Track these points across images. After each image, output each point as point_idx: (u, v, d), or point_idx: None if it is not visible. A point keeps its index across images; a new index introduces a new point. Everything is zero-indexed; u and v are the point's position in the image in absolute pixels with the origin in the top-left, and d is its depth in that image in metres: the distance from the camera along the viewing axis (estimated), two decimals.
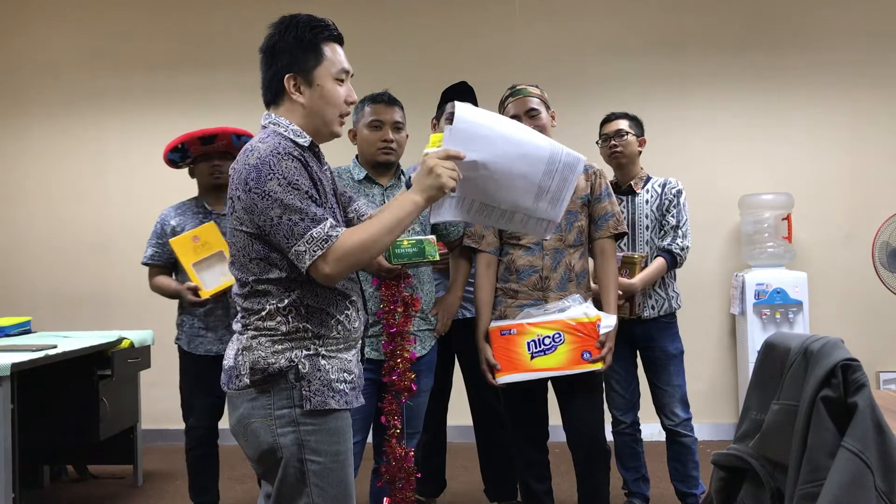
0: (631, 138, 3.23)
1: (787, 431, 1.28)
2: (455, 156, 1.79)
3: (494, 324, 2.66)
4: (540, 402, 2.78)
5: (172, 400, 3.25)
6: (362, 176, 2.71)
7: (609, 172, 3.21)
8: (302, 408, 1.73)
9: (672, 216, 3.17)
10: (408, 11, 5.05)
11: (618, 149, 3.21)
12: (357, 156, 2.78)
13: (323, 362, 1.77)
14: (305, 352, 1.75)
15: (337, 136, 1.88)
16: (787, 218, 4.67)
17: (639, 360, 3.28)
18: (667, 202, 3.19)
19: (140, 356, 3.91)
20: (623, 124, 3.24)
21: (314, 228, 1.68)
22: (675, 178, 3.25)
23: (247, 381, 1.74)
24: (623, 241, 3.16)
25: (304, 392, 1.73)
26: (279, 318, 1.75)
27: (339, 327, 1.81)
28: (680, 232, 3.17)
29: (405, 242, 2.15)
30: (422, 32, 5.03)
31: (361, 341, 1.93)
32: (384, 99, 2.70)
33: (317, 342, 1.77)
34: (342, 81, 1.83)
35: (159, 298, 3.25)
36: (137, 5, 5.14)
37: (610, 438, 2.99)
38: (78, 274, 5.09)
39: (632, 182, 3.24)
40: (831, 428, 1.22)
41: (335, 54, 1.82)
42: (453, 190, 1.79)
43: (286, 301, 1.75)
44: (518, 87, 2.73)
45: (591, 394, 2.70)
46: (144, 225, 3.27)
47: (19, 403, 3.01)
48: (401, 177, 2.77)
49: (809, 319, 4.42)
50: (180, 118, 4.54)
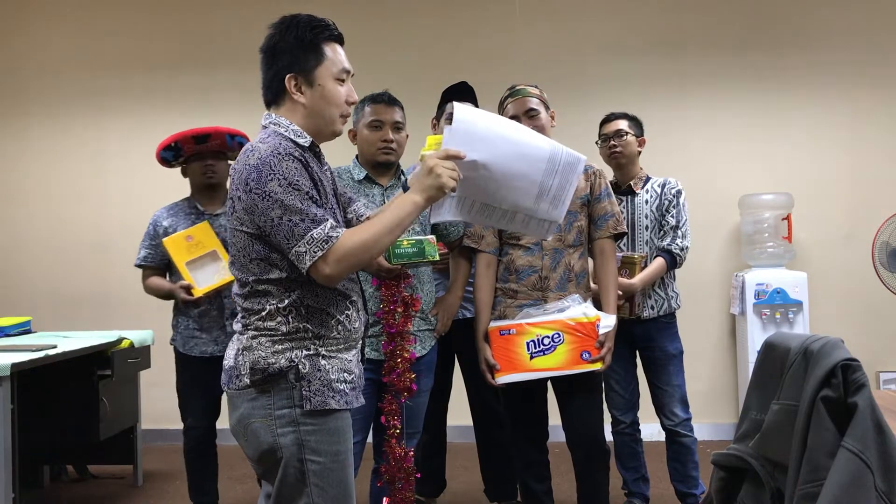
0: (630, 138, 3.23)
1: (787, 431, 1.29)
2: (455, 155, 1.79)
3: (494, 324, 2.66)
4: (539, 402, 2.78)
5: (172, 400, 3.25)
6: (362, 176, 2.71)
7: (608, 172, 3.21)
8: (302, 408, 1.73)
9: (672, 216, 3.18)
10: (408, 11, 5.05)
11: (617, 149, 3.22)
12: (357, 156, 2.78)
13: (323, 362, 1.77)
14: (305, 352, 1.75)
15: (338, 135, 1.89)
16: (787, 218, 4.67)
17: (638, 360, 3.28)
18: (666, 202, 3.19)
19: (140, 356, 3.91)
20: (622, 124, 3.24)
21: (314, 229, 1.68)
22: (675, 179, 3.26)
23: (247, 381, 1.74)
24: (623, 242, 3.16)
25: (305, 392, 1.73)
26: (279, 319, 1.75)
27: (340, 327, 1.81)
28: (679, 232, 3.17)
29: (405, 242, 2.15)
30: (422, 32, 5.03)
31: (362, 341, 1.93)
32: (384, 99, 2.70)
33: (317, 342, 1.77)
34: (343, 81, 1.83)
35: (159, 299, 3.25)
36: (137, 5, 5.14)
37: (609, 438, 2.98)
38: (78, 274, 5.09)
39: (631, 182, 3.24)
40: (831, 428, 1.22)
41: (336, 54, 1.82)
42: (453, 190, 1.78)
43: (286, 301, 1.75)
44: (517, 88, 2.73)
45: (591, 394, 2.70)
46: (144, 225, 3.27)
47: (19, 403, 3.01)
48: (401, 177, 2.77)
49: (809, 319, 4.43)
50: (180, 118, 4.54)
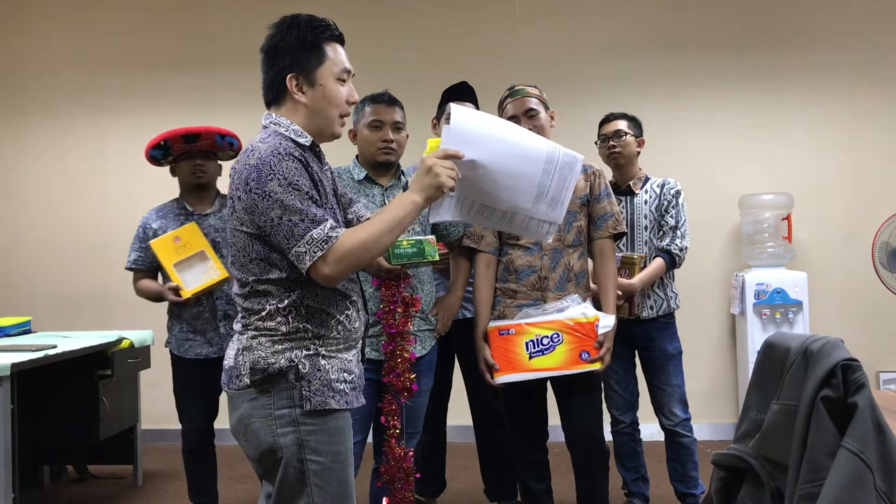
0: (629, 139, 3.23)
1: (787, 431, 1.28)
2: (454, 155, 1.79)
3: (493, 324, 2.66)
4: (539, 402, 2.78)
5: (172, 400, 3.24)
6: (362, 176, 2.71)
7: (608, 173, 3.21)
8: (302, 408, 1.73)
9: (671, 216, 3.18)
10: (408, 11, 5.05)
11: (616, 149, 3.22)
12: (357, 156, 2.78)
13: (323, 362, 1.77)
14: (305, 352, 1.75)
15: (337, 137, 1.88)
16: (787, 218, 4.67)
17: (637, 360, 3.28)
18: (665, 203, 3.19)
19: (140, 356, 3.91)
20: (621, 125, 3.24)
21: (314, 229, 1.68)
22: (674, 179, 3.26)
23: (247, 381, 1.74)
24: (622, 242, 3.16)
25: (305, 392, 1.73)
26: (279, 319, 1.75)
27: (340, 327, 1.81)
28: (679, 232, 3.17)
29: (405, 243, 2.14)
30: (422, 32, 5.03)
31: (362, 341, 1.93)
32: (384, 99, 2.69)
33: (317, 342, 1.77)
34: (344, 81, 1.83)
35: (151, 301, 3.24)
36: (137, 5, 5.13)
37: (609, 438, 2.98)
38: (78, 274, 5.09)
39: (630, 182, 3.24)
40: (831, 428, 1.22)
41: (337, 54, 1.82)
42: (452, 189, 1.78)
43: (286, 301, 1.75)
44: (517, 88, 2.73)
45: (590, 394, 2.70)
46: None
47: (19, 403, 3.01)
48: (401, 177, 2.77)
49: (809, 319, 4.43)
50: (180, 118, 4.50)
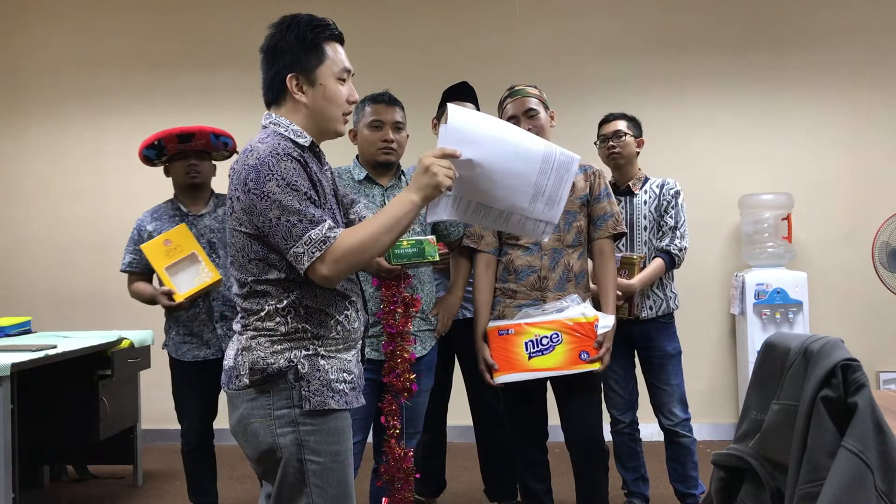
0: (629, 139, 3.23)
1: (787, 431, 1.28)
2: (451, 154, 1.79)
3: (493, 324, 2.66)
4: (539, 402, 2.78)
5: (172, 400, 3.24)
6: (363, 176, 2.71)
7: (607, 173, 3.21)
8: (301, 408, 1.73)
9: (670, 217, 3.18)
10: (408, 11, 5.05)
11: (616, 149, 3.22)
12: (357, 156, 2.78)
13: (322, 362, 1.76)
14: (305, 352, 1.75)
15: (340, 135, 1.88)
16: (787, 218, 4.67)
17: (637, 360, 3.28)
18: (665, 203, 3.19)
19: (140, 356, 3.91)
20: (621, 125, 3.24)
21: (312, 230, 1.68)
22: (673, 179, 3.26)
23: (246, 382, 1.74)
24: (621, 242, 3.16)
25: (304, 392, 1.73)
26: (278, 319, 1.75)
27: (339, 328, 1.80)
28: (678, 233, 3.17)
29: (405, 243, 2.14)
30: (422, 32, 5.03)
31: (362, 341, 1.93)
32: (384, 99, 2.69)
33: (316, 342, 1.77)
34: (344, 81, 1.83)
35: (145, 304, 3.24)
36: (137, 5, 5.13)
37: (609, 438, 2.98)
38: (77, 274, 5.09)
39: (630, 183, 3.24)
40: (831, 428, 1.22)
41: (337, 54, 1.82)
42: (449, 188, 1.78)
43: (285, 302, 1.75)
44: (516, 88, 2.73)
45: (590, 394, 2.70)
46: None
47: (19, 403, 3.01)
48: (401, 177, 2.77)
49: (809, 319, 4.43)
50: (180, 118, 4.48)
